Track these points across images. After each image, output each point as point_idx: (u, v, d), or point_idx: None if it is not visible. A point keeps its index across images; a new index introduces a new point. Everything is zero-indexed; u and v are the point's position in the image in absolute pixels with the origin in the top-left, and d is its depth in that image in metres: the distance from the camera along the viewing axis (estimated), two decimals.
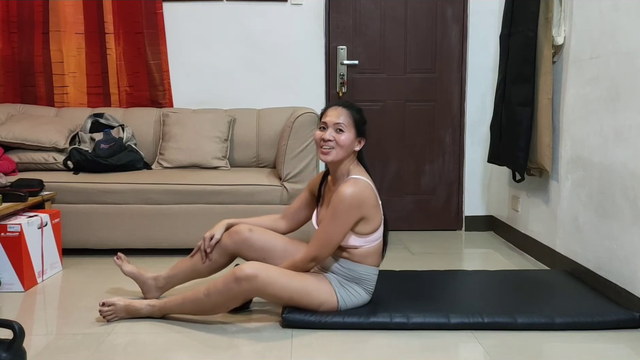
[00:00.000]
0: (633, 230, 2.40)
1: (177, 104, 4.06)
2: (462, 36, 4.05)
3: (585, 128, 2.81)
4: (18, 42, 3.99)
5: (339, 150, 2.27)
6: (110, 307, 2.33)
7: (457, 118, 4.12)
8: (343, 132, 2.26)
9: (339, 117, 2.27)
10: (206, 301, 2.24)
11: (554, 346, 2.13)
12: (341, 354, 2.06)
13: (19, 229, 2.72)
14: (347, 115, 2.28)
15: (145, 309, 2.36)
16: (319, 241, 2.25)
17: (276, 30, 4.04)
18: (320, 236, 2.25)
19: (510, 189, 3.74)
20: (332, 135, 2.26)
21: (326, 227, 2.23)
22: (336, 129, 2.27)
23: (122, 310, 2.35)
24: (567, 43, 3.00)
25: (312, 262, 2.28)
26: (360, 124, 2.31)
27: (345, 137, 2.26)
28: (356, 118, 2.30)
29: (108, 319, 2.33)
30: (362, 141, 2.33)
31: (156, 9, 3.96)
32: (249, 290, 2.20)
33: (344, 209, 2.19)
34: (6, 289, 2.72)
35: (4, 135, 3.53)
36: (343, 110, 2.30)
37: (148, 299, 2.45)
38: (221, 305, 2.26)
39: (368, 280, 2.34)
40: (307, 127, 3.38)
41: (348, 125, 2.27)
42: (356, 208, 2.21)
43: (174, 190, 3.29)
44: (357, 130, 2.30)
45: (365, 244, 2.29)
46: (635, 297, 2.37)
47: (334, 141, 2.26)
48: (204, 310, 2.30)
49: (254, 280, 2.17)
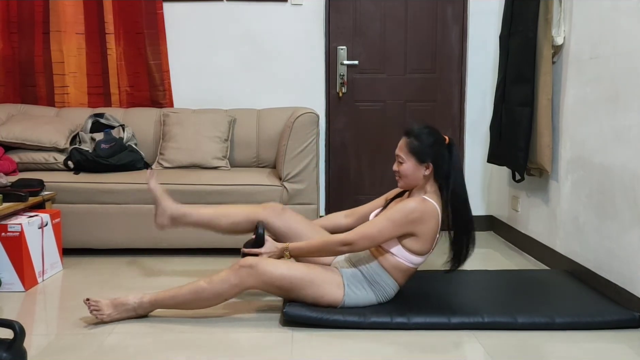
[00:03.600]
0: (633, 231, 2.41)
1: (177, 104, 4.06)
2: (462, 36, 4.06)
3: (585, 128, 2.82)
4: (18, 42, 3.99)
5: (404, 180, 2.37)
6: (95, 302, 2.31)
7: (457, 118, 4.12)
8: (402, 163, 2.35)
9: (399, 148, 2.37)
10: (207, 289, 2.27)
11: (554, 346, 2.14)
12: (341, 354, 2.06)
13: (19, 228, 2.72)
14: (405, 145, 2.35)
15: (133, 300, 2.34)
16: (363, 231, 2.28)
17: (276, 30, 4.04)
18: (367, 228, 2.29)
19: (510, 189, 3.75)
20: (396, 167, 2.39)
21: (376, 223, 2.28)
22: (397, 160, 2.38)
23: (108, 306, 2.31)
24: (566, 43, 3.00)
25: (345, 246, 2.28)
26: (419, 150, 2.32)
27: (404, 167, 2.35)
28: (414, 146, 2.32)
29: (96, 315, 2.30)
30: (429, 166, 2.32)
31: (156, 9, 3.96)
32: (249, 278, 2.24)
33: (401, 216, 2.25)
34: (7, 289, 2.72)
35: (5, 135, 3.53)
36: (403, 140, 2.37)
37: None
38: (220, 295, 2.28)
39: (385, 290, 2.36)
40: (307, 127, 3.38)
41: (406, 155, 2.34)
42: (411, 221, 2.26)
43: (173, 190, 3.28)
44: (418, 157, 2.32)
45: (403, 259, 2.32)
46: (635, 297, 2.37)
47: (398, 171, 2.37)
48: (200, 299, 2.29)
49: (254, 268, 2.24)
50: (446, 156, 2.33)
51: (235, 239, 3.32)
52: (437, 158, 2.32)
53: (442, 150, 2.33)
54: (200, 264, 3.20)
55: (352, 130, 4.12)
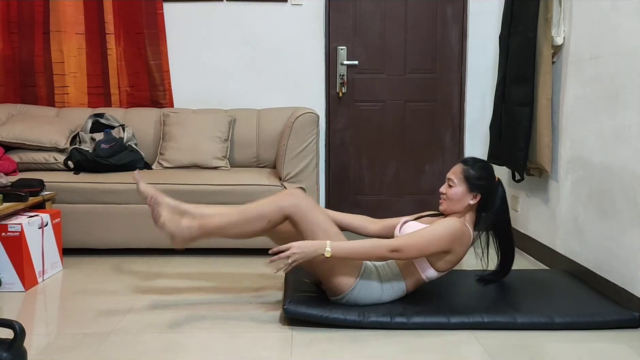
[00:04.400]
0: (633, 230, 2.41)
1: (177, 104, 4.07)
2: (462, 36, 4.06)
3: (584, 128, 2.82)
4: (19, 42, 4.00)
5: (449, 203, 2.43)
6: (158, 198, 2.36)
7: (457, 118, 4.12)
8: (452, 187, 2.41)
9: (453, 172, 2.44)
10: (252, 208, 2.31)
11: (554, 346, 2.14)
12: (341, 354, 2.07)
13: (19, 228, 2.72)
14: (461, 171, 2.42)
15: (191, 208, 2.39)
16: (413, 241, 2.28)
17: (276, 30, 4.04)
18: (416, 239, 2.28)
19: (510, 189, 3.74)
20: (444, 189, 2.45)
21: (424, 235, 2.29)
22: (448, 183, 2.44)
23: (167, 206, 2.36)
24: (566, 43, 3.00)
25: (394, 252, 2.26)
26: (473, 179, 2.40)
27: (454, 191, 2.41)
28: (470, 174, 2.41)
29: (154, 209, 2.34)
30: (477, 196, 2.40)
31: (156, 9, 3.97)
32: (288, 207, 2.26)
33: (447, 233, 2.29)
34: (7, 289, 2.72)
35: (5, 135, 3.53)
36: (459, 166, 2.45)
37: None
38: (264, 216, 2.28)
39: (392, 292, 2.38)
40: (307, 127, 3.38)
41: (459, 180, 2.41)
42: (453, 240, 2.31)
43: (174, 190, 3.28)
44: (469, 185, 2.40)
45: (421, 270, 2.37)
46: (635, 297, 2.37)
47: (446, 195, 2.43)
48: (245, 219, 2.29)
49: (295, 195, 2.30)
50: (493, 193, 2.44)
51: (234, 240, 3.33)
52: (486, 192, 2.42)
53: (492, 186, 2.44)
54: (201, 265, 3.20)
55: (352, 130, 4.12)
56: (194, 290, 2.73)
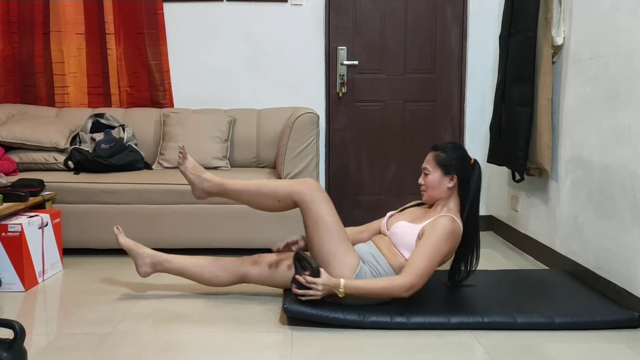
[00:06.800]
0: (632, 230, 2.41)
1: (177, 104, 4.07)
2: (462, 36, 4.06)
3: (584, 128, 2.82)
4: (18, 42, 4.00)
5: (430, 191, 2.48)
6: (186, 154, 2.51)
7: (457, 118, 4.12)
8: (428, 174, 2.47)
9: (427, 161, 2.50)
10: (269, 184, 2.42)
11: (554, 346, 2.14)
12: (341, 353, 2.07)
13: (19, 229, 2.72)
14: (433, 158, 2.48)
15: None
16: (419, 270, 2.28)
17: (276, 30, 4.05)
18: (420, 264, 2.28)
19: (510, 189, 3.75)
20: (421, 180, 2.51)
21: (424, 254, 2.29)
22: (424, 173, 2.49)
23: (193, 164, 2.52)
24: (566, 43, 3.00)
25: (410, 290, 2.28)
26: (446, 162, 2.45)
27: (430, 178, 2.46)
28: (441, 158, 2.46)
29: (180, 160, 2.50)
30: (454, 177, 2.45)
31: (156, 9, 3.97)
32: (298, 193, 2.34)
33: (441, 239, 2.32)
34: (7, 289, 2.72)
35: (5, 136, 3.53)
36: (430, 154, 2.51)
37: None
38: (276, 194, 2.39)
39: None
40: (307, 127, 3.38)
41: (433, 167, 2.47)
42: (449, 241, 2.34)
43: (174, 190, 3.29)
44: (443, 168, 2.45)
45: None
46: (635, 297, 2.37)
47: (424, 184, 2.48)
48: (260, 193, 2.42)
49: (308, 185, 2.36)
50: (470, 172, 2.46)
51: (234, 241, 3.34)
52: (462, 171, 2.45)
53: (467, 165, 2.47)
54: None
55: (352, 130, 4.12)
56: (194, 290, 2.73)
